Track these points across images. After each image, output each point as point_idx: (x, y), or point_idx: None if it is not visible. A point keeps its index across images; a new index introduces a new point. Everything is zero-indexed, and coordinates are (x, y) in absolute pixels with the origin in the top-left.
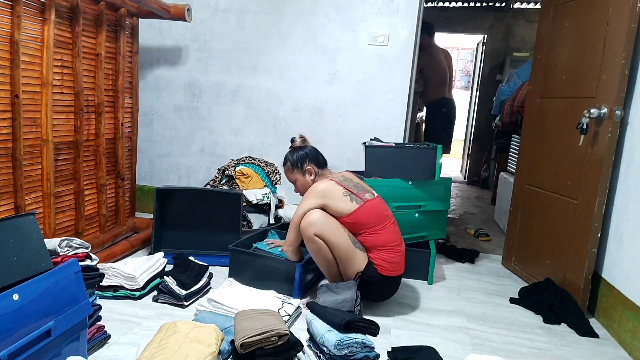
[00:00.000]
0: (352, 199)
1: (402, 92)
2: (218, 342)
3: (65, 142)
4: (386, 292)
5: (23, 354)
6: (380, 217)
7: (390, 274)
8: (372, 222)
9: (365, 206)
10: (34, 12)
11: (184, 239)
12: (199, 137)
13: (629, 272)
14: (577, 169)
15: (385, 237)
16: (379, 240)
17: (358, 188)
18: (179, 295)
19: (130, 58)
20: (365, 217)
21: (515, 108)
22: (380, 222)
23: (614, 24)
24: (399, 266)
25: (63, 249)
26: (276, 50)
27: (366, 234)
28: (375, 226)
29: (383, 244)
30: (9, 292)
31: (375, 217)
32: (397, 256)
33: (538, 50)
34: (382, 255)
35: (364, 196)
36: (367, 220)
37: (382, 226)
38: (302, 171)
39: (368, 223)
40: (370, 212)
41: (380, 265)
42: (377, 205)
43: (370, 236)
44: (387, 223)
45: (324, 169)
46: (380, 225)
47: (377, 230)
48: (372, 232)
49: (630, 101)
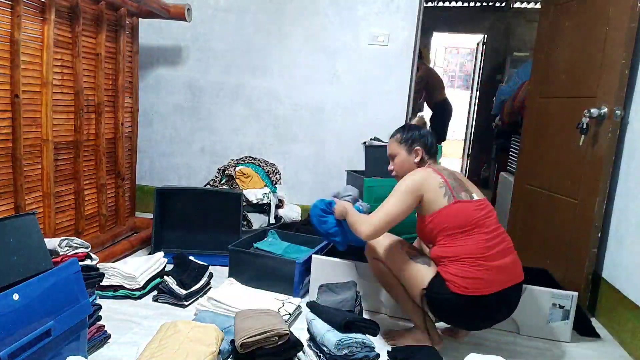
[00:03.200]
0: (446, 193)
1: (402, 92)
2: (218, 342)
3: (65, 142)
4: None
5: (23, 353)
6: (465, 222)
7: (466, 293)
8: (452, 228)
9: (453, 207)
10: (34, 12)
11: (184, 239)
12: (199, 137)
13: (629, 272)
14: (577, 169)
15: (464, 248)
16: (457, 250)
17: (456, 183)
18: (179, 295)
19: (130, 58)
20: (447, 219)
21: (515, 108)
22: (464, 229)
23: (614, 24)
24: (483, 283)
25: (63, 248)
26: (276, 50)
27: (443, 241)
28: (455, 234)
29: (457, 255)
30: (9, 292)
31: (458, 222)
32: (477, 270)
33: (538, 50)
34: (453, 269)
35: (459, 195)
36: (449, 223)
37: (465, 234)
38: (409, 148)
39: (448, 227)
40: (456, 215)
41: (451, 282)
42: (466, 209)
43: (444, 244)
44: (474, 231)
45: (431, 158)
46: (462, 233)
47: (457, 237)
48: (450, 239)
49: (630, 101)
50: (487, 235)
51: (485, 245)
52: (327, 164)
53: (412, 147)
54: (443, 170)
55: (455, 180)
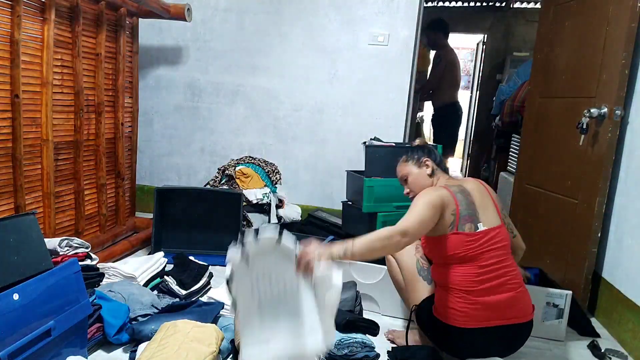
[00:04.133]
0: (452, 223)
1: (402, 92)
2: (218, 342)
3: (65, 141)
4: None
5: (23, 353)
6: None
7: (445, 321)
8: (444, 257)
9: (448, 237)
10: (34, 12)
11: (184, 239)
12: (199, 136)
13: (629, 271)
14: (577, 169)
15: (453, 278)
16: (445, 278)
17: (468, 210)
18: (179, 294)
19: (130, 58)
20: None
21: (515, 108)
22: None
23: (614, 24)
24: (461, 316)
25: (63, 248)
26: (276, 50)
27: (436, 265)
28: (445, 263)
29: (445, 284)
30: (9, 291)
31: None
32: (458, 302)
33: (538, 50)
34: (439, 294)
35: (462, 227)
36: (440, 252)
37: (456, 265)
38: (417, 163)
39: (440, 256)
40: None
41: (436, 306)
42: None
43: (437, 270)
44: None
45: (444, 171)
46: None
47: (448, 266)
48: (441, 266)
49: (630, 101)
50: (480, 270)
51: (475, 279)
52: (327, 164)
53: (421, 161)
54: (457, 194)
55: (467, 207)
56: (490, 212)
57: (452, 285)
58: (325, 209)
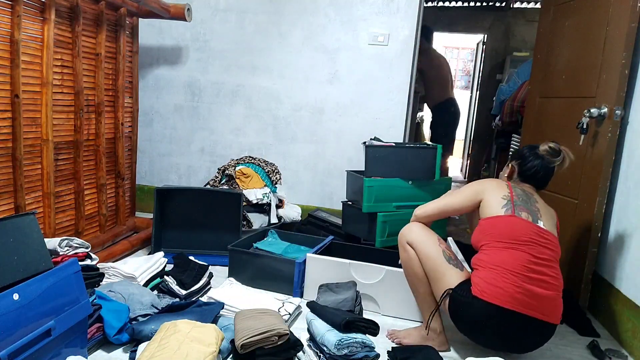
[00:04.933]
0: (506, 205)
1: (402, 92)
2: (218, 342)
3: (65, 141)
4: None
5: (23, 353)
6: (516, 236)
7: (483, 297)
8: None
9: (507, 219)
10: (34, 12)
11: (184, 239)
12: (199, 136)
13: (629, 271)
14: (577, 169)
15: (504, 259)
16: (496, 257)
17: (525, 204)
18: (179, 294)
19: (130, 58)
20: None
21: (515, 108)
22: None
23: (614, 24)
24: (503, 294)
25: (63, 248)
26: (276, 50)
27: (486, 248)
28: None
29: (493, 263)
30: (9, 291)
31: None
32: (504, 281)
33: (538, 50)
34: (483, 273)
35: (519, 212)
36: (498, 231)
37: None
38: (509, 163)
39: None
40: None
41: (475, 284)
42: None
43: (486, 251)
44: (521, 248)
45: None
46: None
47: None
48: (493, 247)
49: (630, 101)
50: (534, 259)
51: (527, 265)
52: (327, 164)
53: (510, 162)
54: (515, 188)
55: (524, 201)
56: (551, 223)
57: (502, 266)
58: (325, 209)
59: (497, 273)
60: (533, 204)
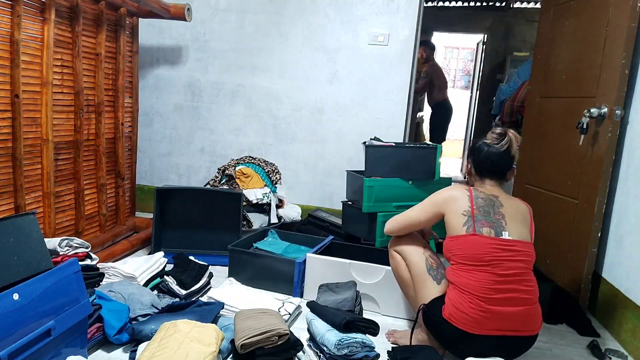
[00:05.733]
0: (466, 223)
1: (402, 92)
2: (218, 342)
3: (65, 141)
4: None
5: (23, 353)
6: (477, 257)
7: (451, 321)
8: (463, 257)
9: (468, 238)
10: (34, 12)
11: (184, 239)
12: (199, 136)
13: (629, 271)
14: (577, 169)
15: (469, 281)
16: (461, 280)
17: (486, 217)
18: (179, 294)
19: (130, 58)
20: (460, 247)
21: (515, 108)
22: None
23: (614, 24)
24: (471, 322)
25: (63, 248)
26: (276, 50)
27: (454, 266)
28: (464, 264)
29: (461, 285)
30: (9, 291)
31: (470, 254)
32: (471, 307)
33: (538, 50)
34: (453, 295)
35: (479, 229)
36: (460, 251)
37: (474, 267)
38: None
39: (459, 256)
40: (468, 247)
41: (446, 307)
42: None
43: (454, 270)
44: (484, 268)
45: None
46: (471, 265)
47: (466, 267)
48: (460, 266)
49: (630, 101)
50: (498, 278)
51: (492, 287)
52: (327, 164)
53: (468, 159)
54: (477, 199)
55: (485, 213)
56: (521, 227)
57: (468, 290)
58: (325, 209)
59: (464, 297)
60: (497, 211)
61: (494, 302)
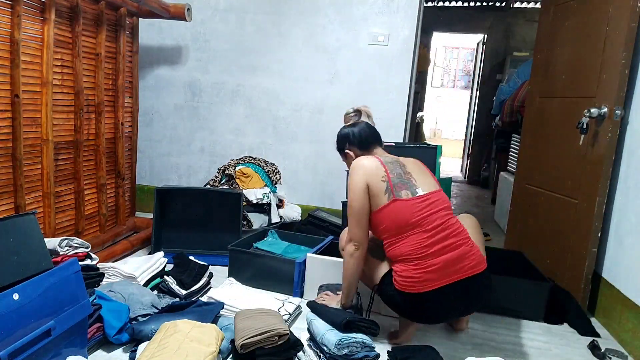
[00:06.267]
0: (387, 189)
1: (402, 92)
2: (218, 342)
3: (65, 141)
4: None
5: (23, 353)
6: (403, 224)
7: (405, 290)
8: (392, 228)
9: (392, 206)
10: (34, 12)
11: (184, 239)
12: (199, 136)
13: (629, 271)
14: (577, 169)
15: (404, 248)
16: (397, 251)
17: (400, 179)
18: (179, 294)
19: (130, 58)
20: (387, 219)
21: (515, 108)
22: (402, 230)
23: (614, 24)
24: (417, 282)
25: (63, 248)
26: (276, 50)
27: (386, 241)
28: (395, 235)
29: (399, 255)
30: (9, 291)
31: (396, 224)
32: (414, 269)
33: (538, 50)
34: (398, 267)
35: (399, 193)
36: (389, 222)
37: (404, 234)
38: (344, 154)
39: (389, 227)
40: (395, 214)
41: (395, 279)
42: (405, 209)
43: (390, 245)
44: (412, 231)
45: (368, 149)
46: (401, 234)
47: (397, 239)
48: (393, 241)
49: (630, 101)
50: (427, 234)
51: (424, 244)
52: (327, 164)
53: (345, 151)
54: (388, 163)
55: (398, 175)
56: (428, 179)
57: (406, 256)
58: (325, 209)
59: (405, 265)
60: (405, 171)
61: (432, 256)
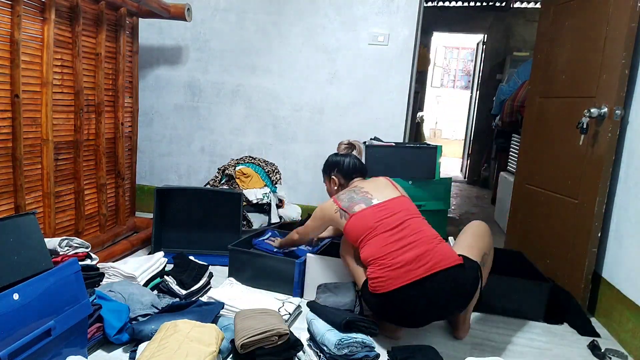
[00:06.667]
0: (342, 215)
1: (402, 92)
2: (218, 342)
3: (65, 141)
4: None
5: (23, 353)
6: (364, 230)
7: (376, 291)
8: (358, 236)
9: (350, 221)
10: (34, 12)
11: (184, 239)
12: (199, 136)
13: (629, 271)
14: (577, 169)
15: (369, 250)
16: (364, 255)
17: (350, 201)
18: (179, 294)
19: (130, 57)
20: (352, 231)
21: (515, 107)
22: (365, 236)
23: (614, 24)
24: (382, 282)
25: (63, 248)
26: (276, 50)
27: (359, 249)
28: (362, 240)
29: (366, 258)
30: (9, 291)
31: (358, 232)
32: (379, 270)
33: (538, 50)
34: (369, 271)
35: (353, 209)
36: (354, 234)
37: (368, 239)
38: (328, 177)
39: (356, 237)
40: (355, 226)
41: (369, 284)
42: (362, 219)
43: (360, 250)
44: (374, 234)
45: (351, 180)
46: (364, 240)
47: (363, 244)
48: (360, 245)
49: (630, 101)
50: (389, 232)
51: (385, 244)
52: None
53: (330, 175)
54: (341, 195)
55: (349, 199)
56: (387, 191)
57: (372, 258)
58: None
59: (374, 267)
60: (359, 192)
61: (392, 255)
